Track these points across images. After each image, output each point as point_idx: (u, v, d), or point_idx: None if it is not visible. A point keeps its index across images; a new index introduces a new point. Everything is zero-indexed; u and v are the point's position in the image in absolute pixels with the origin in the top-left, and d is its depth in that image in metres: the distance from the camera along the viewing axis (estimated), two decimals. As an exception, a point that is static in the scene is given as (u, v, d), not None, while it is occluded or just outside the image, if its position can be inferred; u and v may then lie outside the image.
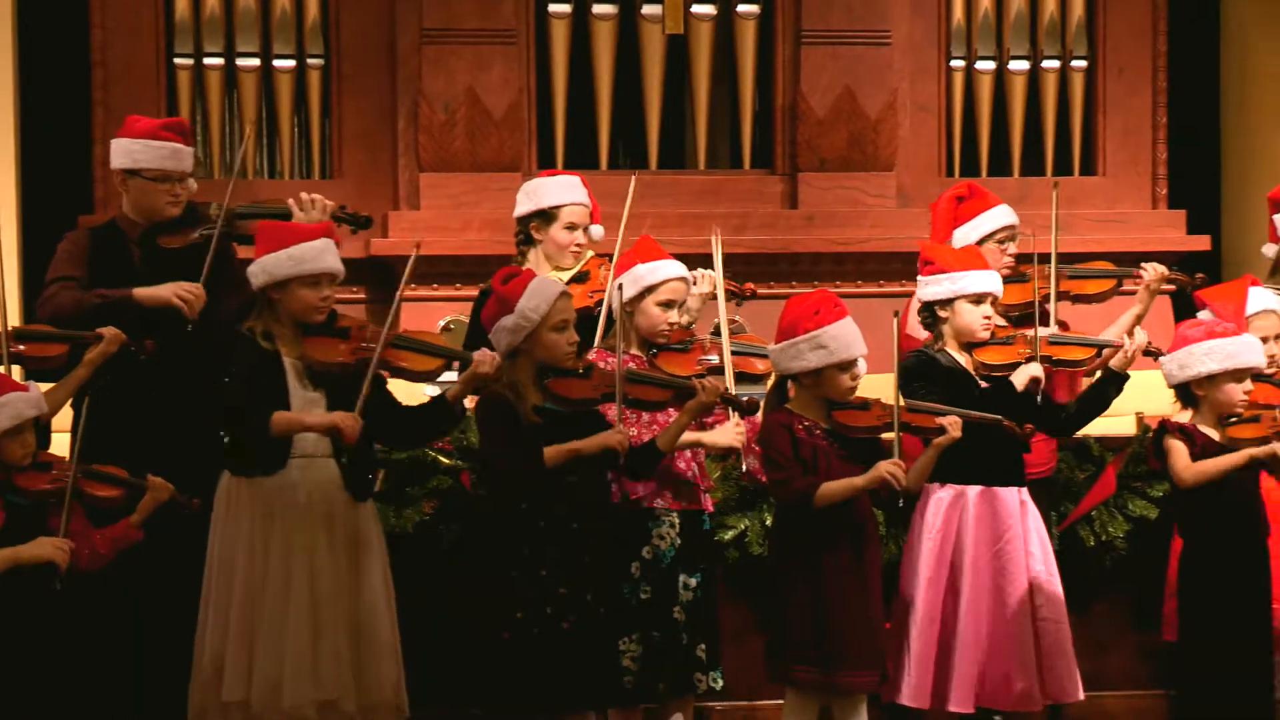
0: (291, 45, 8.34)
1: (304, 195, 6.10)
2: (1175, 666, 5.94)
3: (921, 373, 5.89)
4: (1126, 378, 5.96)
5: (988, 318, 5.94)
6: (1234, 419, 5.77)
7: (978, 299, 5.95)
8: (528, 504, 5.46)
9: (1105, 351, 6.04)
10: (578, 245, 6.45)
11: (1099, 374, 6.01)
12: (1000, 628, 5.89)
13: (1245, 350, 5.75)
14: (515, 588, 5.45)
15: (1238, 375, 5.74)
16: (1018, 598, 5.90)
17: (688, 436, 5.70)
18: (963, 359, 5.96)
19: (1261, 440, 5.73)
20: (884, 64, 8.51)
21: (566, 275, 6.12)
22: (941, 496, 5.95)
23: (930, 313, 5.99)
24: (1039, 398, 5.88)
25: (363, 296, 8.02)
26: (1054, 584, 5.97)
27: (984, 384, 5.94)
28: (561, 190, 6.53)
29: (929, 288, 5.97)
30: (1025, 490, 5.99)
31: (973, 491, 5.93)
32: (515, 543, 5.47)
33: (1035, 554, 5.96)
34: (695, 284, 6.18)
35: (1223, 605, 5.70)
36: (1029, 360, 5.92)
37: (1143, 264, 6.55)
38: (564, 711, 5.48)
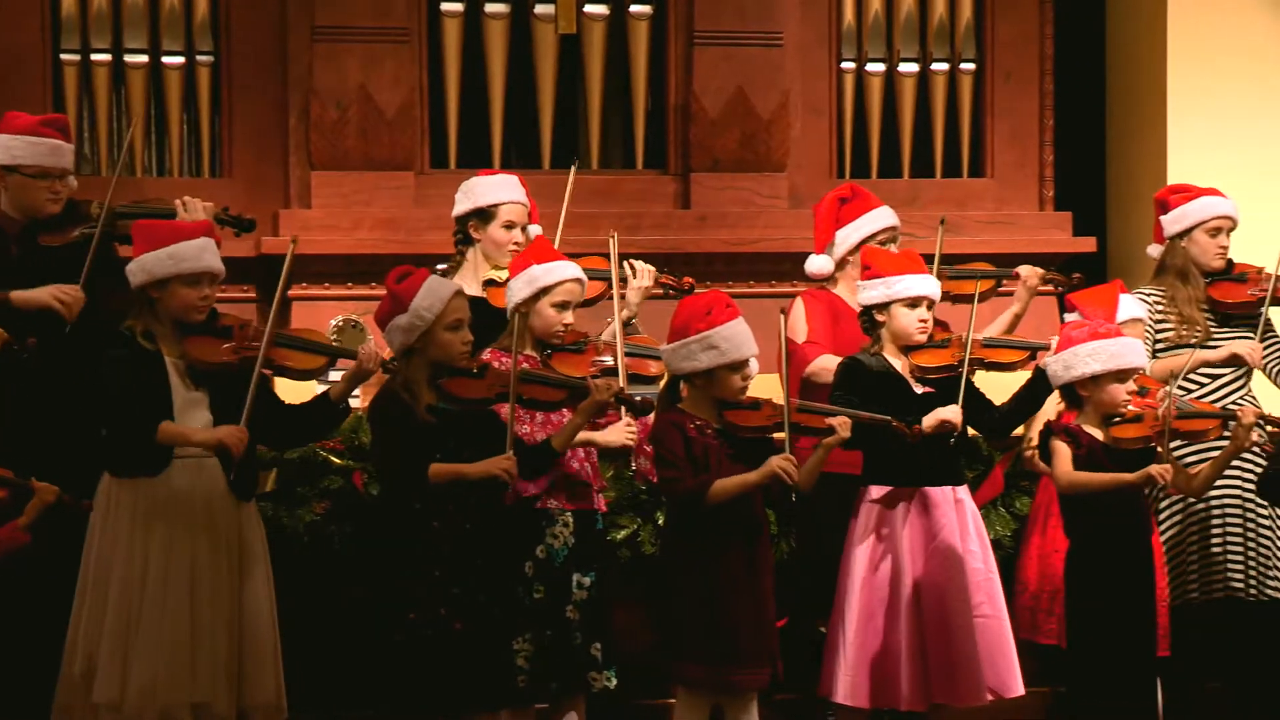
0: (181, 42, 8.26)
1: (184, 200, 6.07)
2: (1063, 667, 6.01)
3: (840, 381, 5.95)
4: None
5: (924, 321, 6.01)
6: (1117, 419, 5.85)
7: (913, 303, 6.01)
8: (420, 505, 5.45)
9: (1039, 354, 6.12)
10: (515, 244, 6.45)
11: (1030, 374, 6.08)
12: (939, 625, 5.95)
13: (1128, 351, 5.84)
14: (408, 589, 5.44)
15: (1121, 375, 5.82)
16: (956, 594, 5.96)
17: (580, 436, 5.72)
18: (899, 363, 6.02)
19: (1144, 439, 5.82)
20: (776, 65, 8.55)
21: (504, 275, 6.12)
22: (877, 496, 6.01)
23: (868, 317, 6.05)
24: (961, 399, 5.94)
25: (253, 295, 7.96)
26: (993, 580, 6.04)
27: (921, 387, 6.00)
28: (500, 189, 6.54)
29: (866, 292, 6.04)
30: (963, 488, 6.06)
31: (908, 491, 5.99)
32: (408, 543, 5.46)
33: (974, 551, 6.03)
34: (636, 277, 6.23)
35: (1109, 606, 5.77)
36: (960, 365, 5.98)
37: (1021, 265, 6.65)
38: (457, 713, 5.48)
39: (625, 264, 6.36)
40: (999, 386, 6.14)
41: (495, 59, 8.43)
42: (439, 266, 6.35)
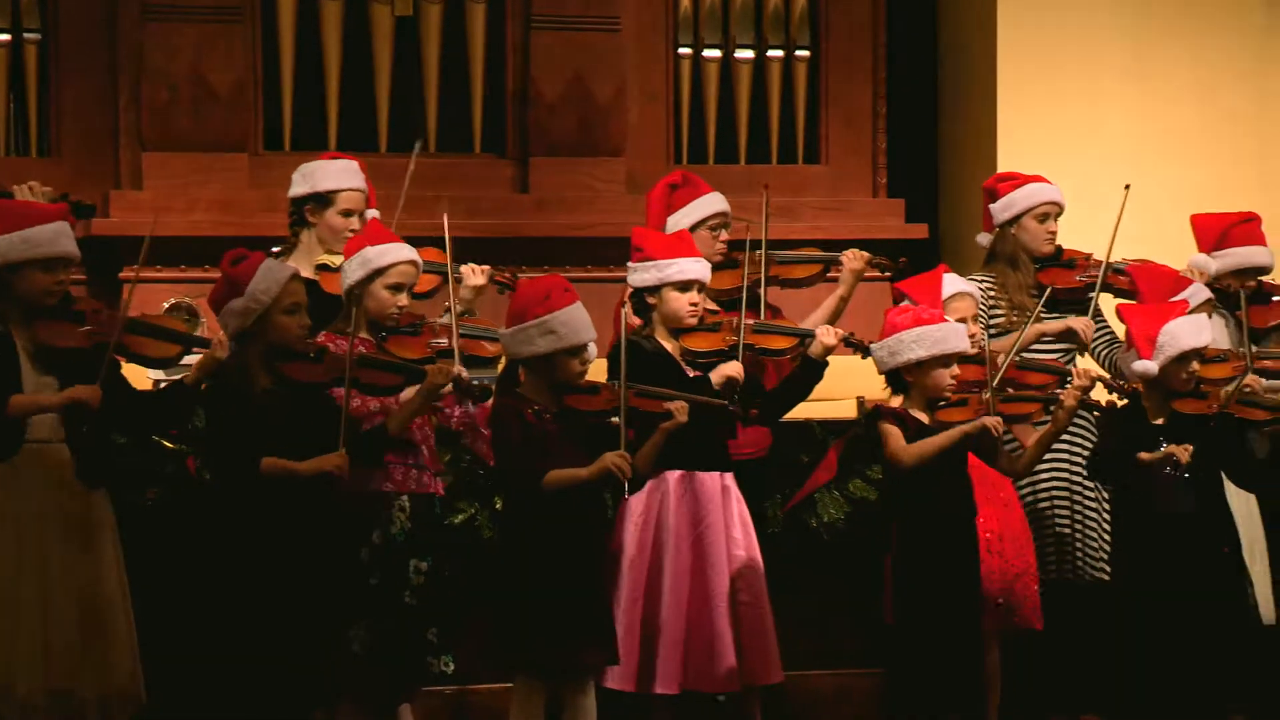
0: (8, 19, 8.09)
1: (29, 184, 5.96)
2: (889, 647, 6.10)
3: (615, 362, 5.97)
4: (824, 365, 6.11)
5: (694, 304, 6.04)
6: (943, 403, 5.94)
7: (684, 285, 6.04)
8: (252, 491, 5.40)
9: (808, 340, 6.19)
10: (352, 231, 6.38)
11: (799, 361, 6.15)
12: (701, 610, 5.99)
13: (951, 336, 5.92)
14: (240, 576, 5.39)
15: (945, 360, 5.90)
16: (718, 581, 6.01)
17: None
18: (670, 345, 6.06)
19: (970, 422, 5.91)
20: (613, 51, 8.56)
21: (339, 260, 6.07)
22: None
23: (640, 299, 6.07)
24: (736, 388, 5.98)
25: (82, 278, 7.82)
26: (755, 567, 6.09)
27: (691, 371, 6.04)
28: (339, 175, 6.47)
29: (637, 274, 6.06)
30: (730, 475, 6.10)
31: (674, 475, 6.02)
32: (241, 530, 5.41)
33: (737, 538, 6.08)
34: (468, 276, 6.21)
35: (934, 586, 5.86)
36: (730, 349, 6.03)
37: (845, 250, 6.72)
38: (292, 704, 5.43)
39: (461, 268, 6.34)
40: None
41: (331, 40, 8.36)
42: (273, 250, 6.29)
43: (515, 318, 5.67)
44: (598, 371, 5.87)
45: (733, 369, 5.98)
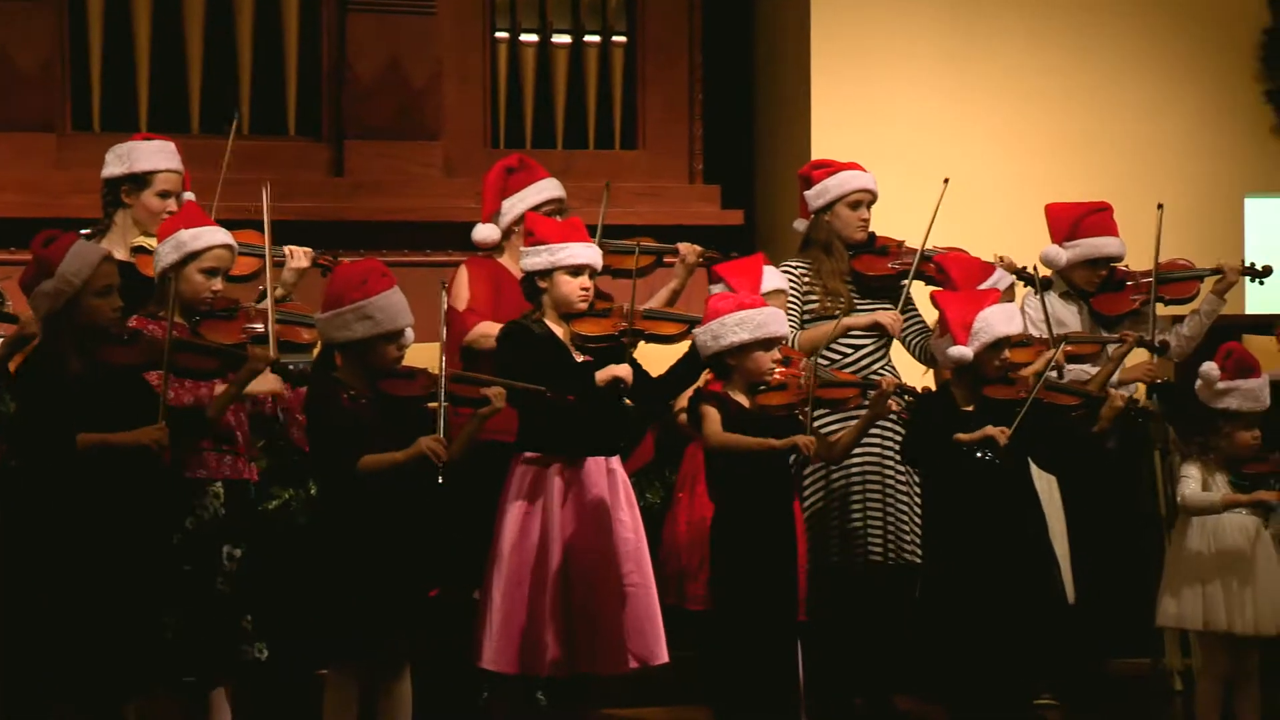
0: None
1: None
2: (706, 630, 6.14)
3: (504, 346, 5.97)
4: None
5: (585, 289, 6.06)
6: (763, 387, 6.00)
7: (576, 270, 6.06)
8: (65, 476, 5.30)
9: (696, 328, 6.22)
10: (169, 213, 6.27)
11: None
12: (589, 593, 6.00)
13: (772, 321, 5.98)
14: (50, 564, 5.29)
15: (766, 344, 5.96)
16: (606, 563, 6.03)
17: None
18: (559, 330, 6.07)
19: (788, 406, 5.98)
20: (429, 34, 8.53)
21: (155, 241, 5.97)
22: (529, 463, 6.04)
23: (530, 283, 6.07)
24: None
25: None
26: (642, 549, 6.13)
27: (581, 355, 6.05)
28: (156, 156, 6.37)
29: (529, 258, 6.06)
30: (616, 459, 6.13)
31: (560, 459, 6.03)
32: (52, 517, 5.31)
33: (624, 520, 6.11)
34: (290, 258, 6.14)
35: (752, 570, 5.92)
36: (620, 335, 6.05)
37: (680, 241, 6.77)
38: (105, 695, 5.35)
39: (284, 250, 6.28)
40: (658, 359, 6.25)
41: (140, 20, 8.23)
42: (83, 231, 6.17)
43: (331, 303, 5.63)
44: (426, 356, 5.85)
45: (621, 370, 5.99)
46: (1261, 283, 7.16)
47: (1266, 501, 5.88)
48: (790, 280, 6.76)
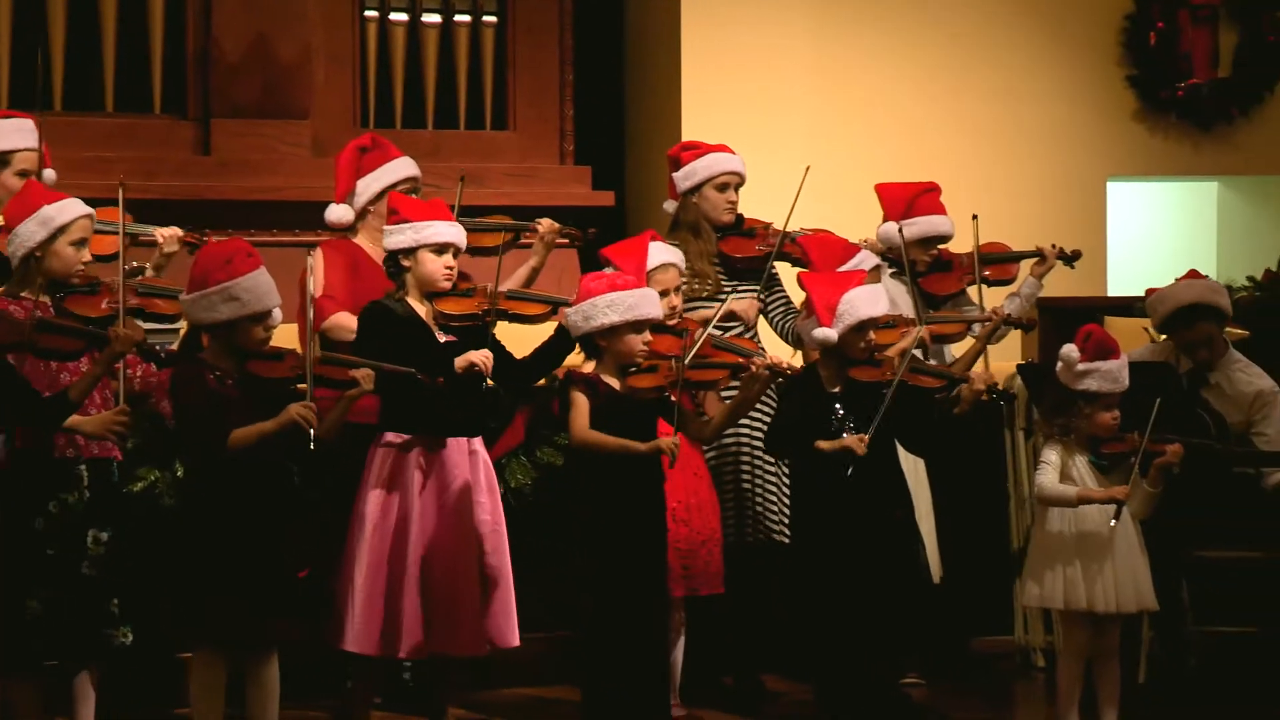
0: None
1: None
2: (580, 615, 6.16)
3: (366, 325, 5.94)
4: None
5: (449, 268, 6.04)
6: (634, 369, 6.01)
7: (440, 249, 6.03)
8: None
9: (561, 309, 6.22)
10: None
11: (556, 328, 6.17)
12: (447, 575, 6.00)
13: (644, 302, 5.98)
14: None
15: (637, 326, 5.97)
16: (465, 545, 6.02)
17: (69, 422, 5.54)
18: (423, 309, 6.04)
19: (658, 389, 5.99)
20: (297, 12, 8.45)
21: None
22: (390, 444, 6.02)
23: (393, 262, 6.04)
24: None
25: None
26: (500, 532, 6.13)
27: (444, 335, 6.03)
28: (15, 134, 6.28)
29: (393, 237, 6.03)
30: (478, 440, 6.12)
31: (422, 440, 6.01)
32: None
33: (483, 502, 6.10)
34: (162, 242, 6.07)
35: (621, 552, 5.93)
36: (484, 314, 6.03)
37: (538, 219, 6.77)
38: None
39: (152, 232, 6.20)
40: (522, 339, 6.25)
41: (1, -5, 8.10)
42: None
43: (197, 283, 5.58)
44: (294, 337, 5.81)
45: (478, 357, 5.97)
46: (1072, 266, 7.26)
47: (1117, 499, 5.97)
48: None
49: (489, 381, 5.95)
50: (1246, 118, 9.63)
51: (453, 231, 6.08)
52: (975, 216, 6.93)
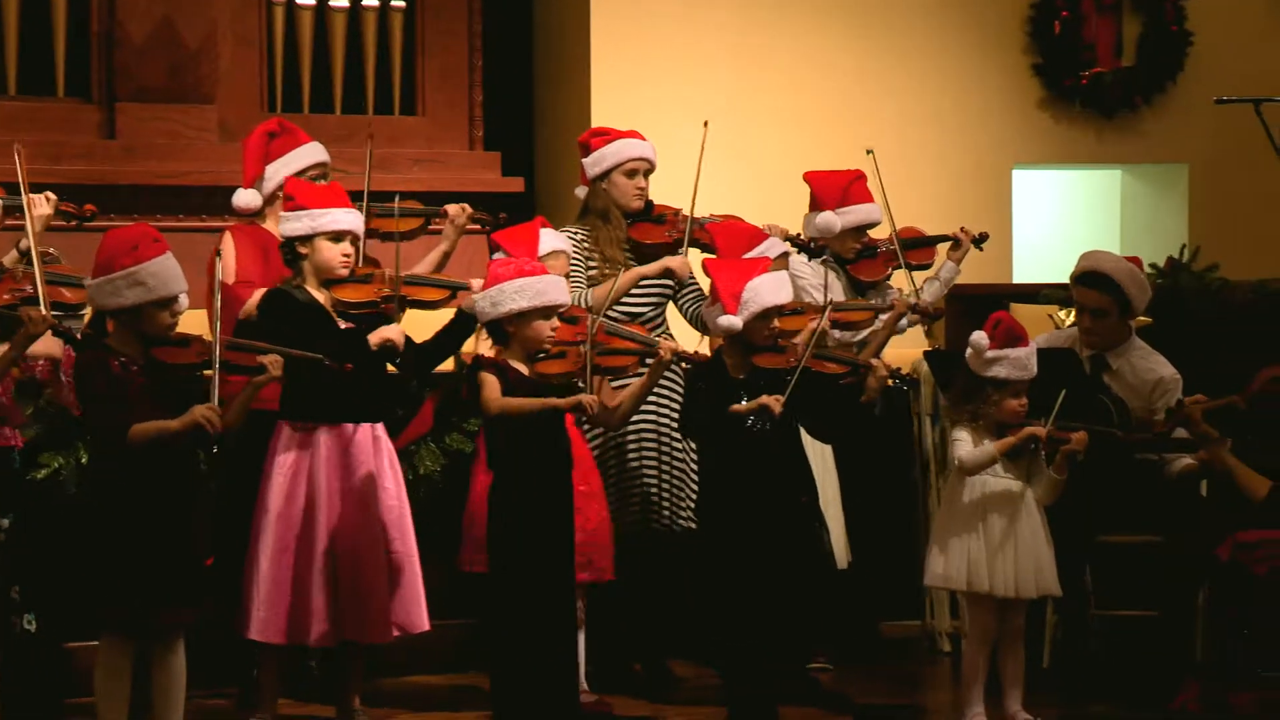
0: None
1: None
2: (484, 598, 6.15)
3: (266, 312, 5.90)
4: (476, 320, 6.09)
5: (347, 255, 6.02)
6: (542, 355, 6.01)
7: (337, 236, 6.01)
8: None
9: (460, 294, 6.20)
10: None
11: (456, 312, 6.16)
12: (354, 561, 5.98)
13: (552, 289, 5.99)
14: None
15: (546, 312, 5.98)
16: (370, 531, 6.01)
17: None
18: (321, 296, 6.01)
19: (567, 375, 5.99)
20: (204, -6, 8.39)
21: None
22: (293, 432, 6.00)
23: (290, 249, 6.00)
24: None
25: None
26: (405, 518, 6.12)
27: (342, 322, 6.01)
28: None
29: (289, 223, 6.00)
30: (381, 425, 6.10)
31: (325, 427, 5.99)
32: None
33: (388, 488, 6.10)
34: (35, 207, 5.99)
35: (529, 537, 5.93)
36: (385, 302, 6.02)
37: (449, 203, 6.75)
38: None
39: (26, 199, 6.13)
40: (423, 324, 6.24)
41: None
42: None
43: (102, 268, 5.53)
44: (200, 323, 5.77)
45: (392, 332, 5.95)
46: (980, 249, 7.33)
47: (1037, 435, 6.04)
48: (572, 244, 6.78)
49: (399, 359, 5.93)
50: (1150, 106, 9.75)
51: (350, 219, 6.05)
52: (870, 151, 6.97)
